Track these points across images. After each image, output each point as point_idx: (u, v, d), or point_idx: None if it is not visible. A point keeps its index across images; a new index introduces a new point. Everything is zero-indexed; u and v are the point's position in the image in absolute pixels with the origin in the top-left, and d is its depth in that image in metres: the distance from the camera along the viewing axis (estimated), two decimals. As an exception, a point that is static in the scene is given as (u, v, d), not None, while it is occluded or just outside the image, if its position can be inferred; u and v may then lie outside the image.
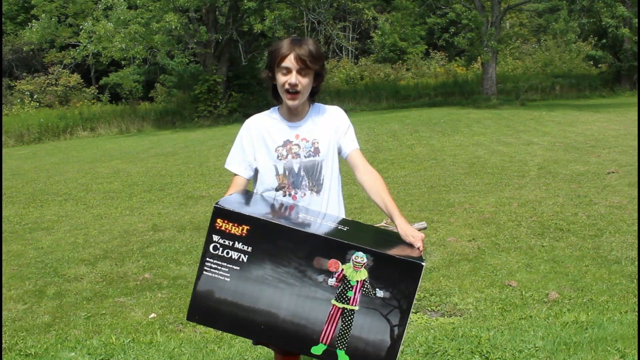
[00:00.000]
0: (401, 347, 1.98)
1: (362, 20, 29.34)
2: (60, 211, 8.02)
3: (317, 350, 1.98)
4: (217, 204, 1.97)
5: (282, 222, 1.98)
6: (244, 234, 1.95)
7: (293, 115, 2.31)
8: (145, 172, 11.04)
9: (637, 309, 3.61)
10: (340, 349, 1.96)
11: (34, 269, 5.27)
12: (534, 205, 6.55)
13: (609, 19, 20.18)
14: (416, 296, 1.96)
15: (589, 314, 3.59)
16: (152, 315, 4.05)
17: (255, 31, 20.90)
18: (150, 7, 20.10)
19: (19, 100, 25.81)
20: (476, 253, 5.02)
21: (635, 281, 4.11)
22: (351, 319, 1.95)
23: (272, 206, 2.24)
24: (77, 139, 20.57)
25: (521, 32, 30.52)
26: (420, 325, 3.61)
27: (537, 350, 3.13)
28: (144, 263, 5.30)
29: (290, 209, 2.25)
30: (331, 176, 2.33)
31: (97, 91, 29.03)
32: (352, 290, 1.94)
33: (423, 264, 1.93)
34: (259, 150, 2.32)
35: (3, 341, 3.67)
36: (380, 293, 1.93)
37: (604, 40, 25.14)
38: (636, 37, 22.34)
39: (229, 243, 1.96)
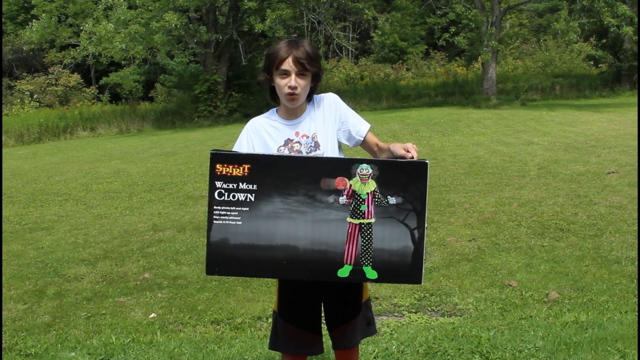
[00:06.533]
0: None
1: (362, 20, 29.32)
2: (60, 211, 8.02)
3: (344, 272, 1.96)
4: (212, 150, 1.98)
5: (281, 154, 2.01)
6: (246, 173, 1.95)
7: (292, 115, 2.36)
8: (145, 172, 11.03)
9: (637, 309, 3.61)
10: (366, 266, 1.95)
11: (34, 269, 5.27)
12: (534, 205, 6.55)
13: (610, 18, 20.13)
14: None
15: (589, 314, 3.59)
16: (152, 315, 4.05)
17: (255, 31, 20.90)
18: (150, 7, 20.09)
19: (19, 100, 25.81)
20: (476, 253, 5.02)
21: (635, 281, 4.11)
22: (370, 232, 1.94)
23: (270, 149, 2.29)
24: (77, 139, 20.56)
25: (521, 32, 30.50)
26: (420, 325, 3.60)
27: (537, 350, 3.13)
28: (144, 263, 5.30)
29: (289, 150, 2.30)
30: None
31: (97, 91, 29.04)
32: (364, 204, 1.93)
33: (427, 161, 1.94)
34: (259, 152, 2.35)
35: (3, 341, 3.67)
36: (392, 200, 1.94)
37: (604, 40, 25.13)
38: (637, 37, 22.32)
39: (233, 186, 1.96)
